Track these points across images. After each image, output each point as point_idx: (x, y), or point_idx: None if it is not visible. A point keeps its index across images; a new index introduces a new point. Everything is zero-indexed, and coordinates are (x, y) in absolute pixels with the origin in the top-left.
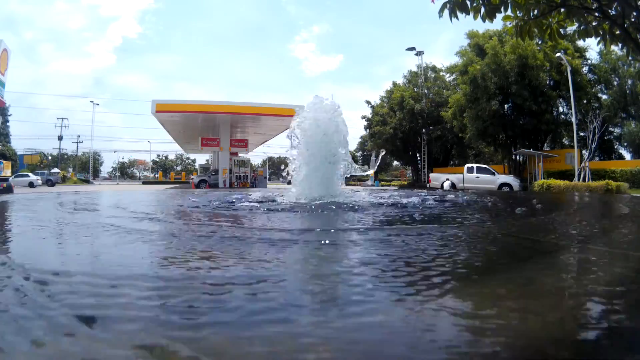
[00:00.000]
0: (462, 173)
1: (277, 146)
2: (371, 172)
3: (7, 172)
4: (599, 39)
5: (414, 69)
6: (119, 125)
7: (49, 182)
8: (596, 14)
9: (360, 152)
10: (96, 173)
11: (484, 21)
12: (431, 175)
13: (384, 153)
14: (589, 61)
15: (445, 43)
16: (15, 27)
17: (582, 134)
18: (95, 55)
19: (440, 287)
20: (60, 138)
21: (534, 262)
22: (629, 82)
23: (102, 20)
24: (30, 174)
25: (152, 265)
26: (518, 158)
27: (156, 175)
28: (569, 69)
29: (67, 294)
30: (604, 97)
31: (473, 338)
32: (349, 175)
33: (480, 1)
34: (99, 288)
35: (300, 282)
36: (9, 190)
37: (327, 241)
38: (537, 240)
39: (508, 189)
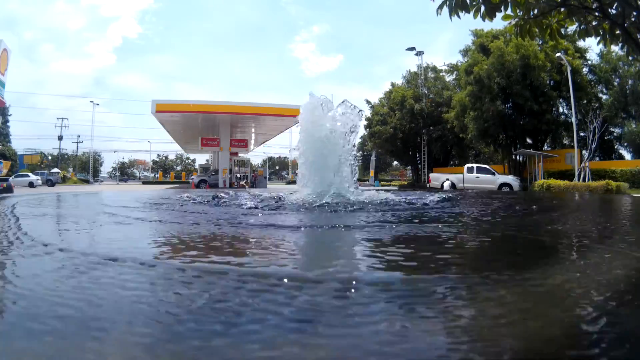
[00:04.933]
0: (462, 173)
1: (277, 146)
2: (371, 171)
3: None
4: (599, 38)
5: (414, 69)
6: (119, 125)
7: (49, 182)
8: (596, 13)
9: (361, 152)
10: (96, 173)
11: (483, 20)
12: (431, 175)
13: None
14: (590, 62)
15: (445, 43)
16: (15, 27)
17: (582, 134)
18: (95, 55)
19: None
20: (60, 138)
21: None
22: (630, 82)
23: (102, 20)
24: (30, 174)
25: None
26: (518, 158)
27: (156, 176)
28: (569, 69)
29: None
30: (604, 97)
31: None
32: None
33: (480, 0)
34: None
35: None
36: (9, 190)
37: None
38: None
39: (508, 189)
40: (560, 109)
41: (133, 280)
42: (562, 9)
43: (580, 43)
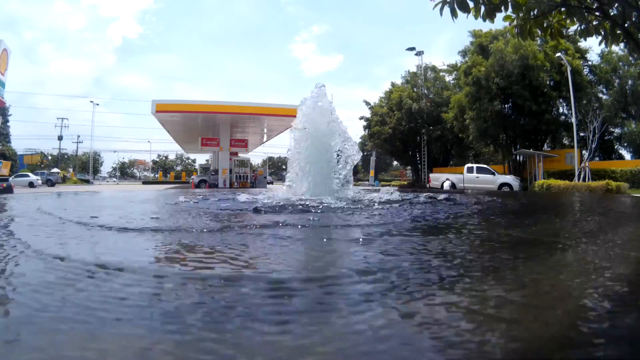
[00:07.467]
0: (462, 173)
1: (277, 146)
2: (371, 171)
3: (4, 172)
4: (600, 38)
5: (413, 69)
6: (119, 125)
7: (49, 182)
8: (597, 13)
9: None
10: (96, 173)
11: (484, 20)
12: (431, 175)
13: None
14: (590, 62)
15: (445, 43)
16: (15, 27)
17: (582, 134)
18: (95, 55)
19: None
20: (60, 138)
21: None
22: (630, 82)
23: (102, 20)
24: (30, 174)
25: None
26: (518, 158)
27: (156, 175)
28: (569, 69)
29: None
30: (604, 97)
31: None
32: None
33: (481, 0)
34: None
35: None
36: (9, 190)
37: None
38: None
39: (508, 189)
40: (560, 109)
41: None
42: (563, 9)
43: (581, 43)
